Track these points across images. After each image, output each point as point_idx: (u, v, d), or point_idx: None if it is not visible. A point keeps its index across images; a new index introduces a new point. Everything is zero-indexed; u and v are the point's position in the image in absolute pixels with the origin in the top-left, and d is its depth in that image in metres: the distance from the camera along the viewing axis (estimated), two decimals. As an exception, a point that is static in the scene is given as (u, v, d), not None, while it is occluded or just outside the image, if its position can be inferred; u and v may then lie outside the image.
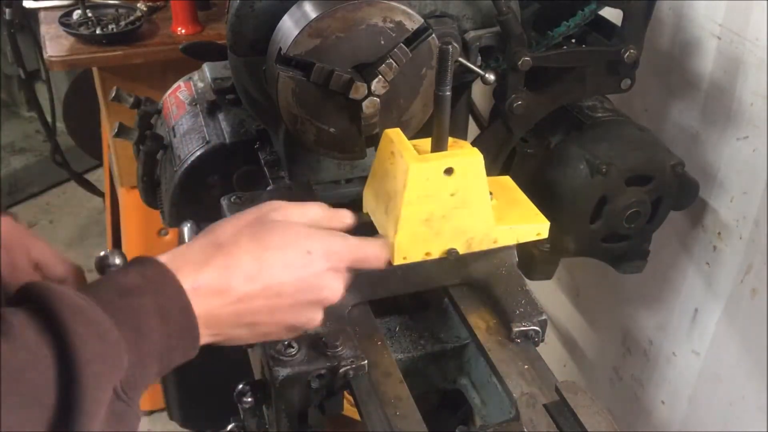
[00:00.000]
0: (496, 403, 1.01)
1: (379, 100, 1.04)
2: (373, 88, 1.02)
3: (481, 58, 1.23)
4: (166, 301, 0.73)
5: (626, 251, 1.43)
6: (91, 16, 2.22)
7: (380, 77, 1.02)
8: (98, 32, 2.18)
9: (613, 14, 1.31)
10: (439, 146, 0.96)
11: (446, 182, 0.96)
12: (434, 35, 1.05)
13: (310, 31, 1.00)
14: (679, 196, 1.38)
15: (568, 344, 2.03)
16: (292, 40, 1.00)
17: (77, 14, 2.23)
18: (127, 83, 2.11)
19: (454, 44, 0.89)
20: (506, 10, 1.17)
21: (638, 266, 1.46)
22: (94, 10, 2.26)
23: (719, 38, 1.36)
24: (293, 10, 1.06)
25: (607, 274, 1.51)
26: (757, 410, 1.42)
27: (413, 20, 1.03)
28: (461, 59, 1.17)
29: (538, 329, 1.01)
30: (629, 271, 1.46)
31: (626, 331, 1.78)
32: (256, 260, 0.80)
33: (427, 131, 0.99)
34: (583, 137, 1.36)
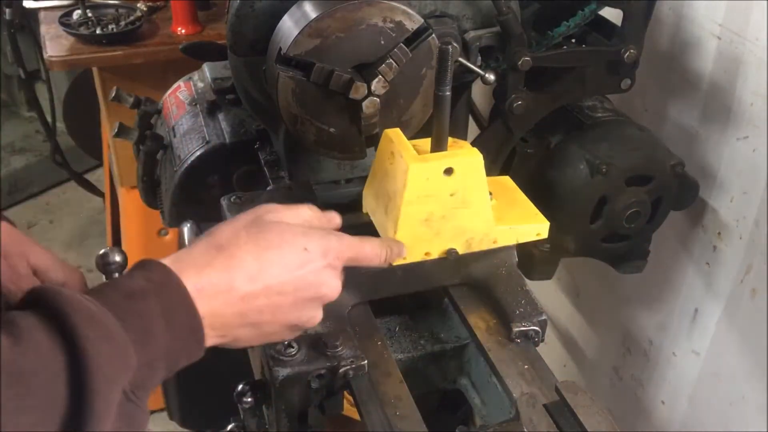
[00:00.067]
0: (496, 403, 1.01)
1: (379, 100, 1.04)
2: (373, 88, 1.02)
3: (481, 58, 1.23)
4: (171, 303, 0.75)
5: (626, 251, 1.43)
6: (91, 16, 2.23)
7: (380, 77, 1.02)
8: (98, 32, 2.18)
9: (613, 14, 1.31)
10: (438, 146, 0.96)
11: (446, 182, 0.96)
12: (434, 35, 1.05)
13: (310, 31, 1.00)
14: (679, 196, 1.38)
15: (568, 344, 2.03)
16: (292, 40, 1.00)
17: (77, 14, 2.23)
18: (127, 83, 2.11)
19: (453, 44, 0.89)
20: (506, 10, 1.17)
21: (638, 266, 1.46)
22: (94, 10, 2.26)
23: (719, 38, 1.36)
24: (293, 10, 1.06)
25: (607, 274, 1.51)
26: (757, 410, 1.42)
27: (413, 20, 1.03)
28: (461, 59, 1.17)
29: (538, 329, 1.01)
30: (629, 271, 1.46)
31: (626, 331, 1.78)
32: (256, 260, 0.81)
33: (427, 131, 0.99)
34: (583, 137, 1.36)
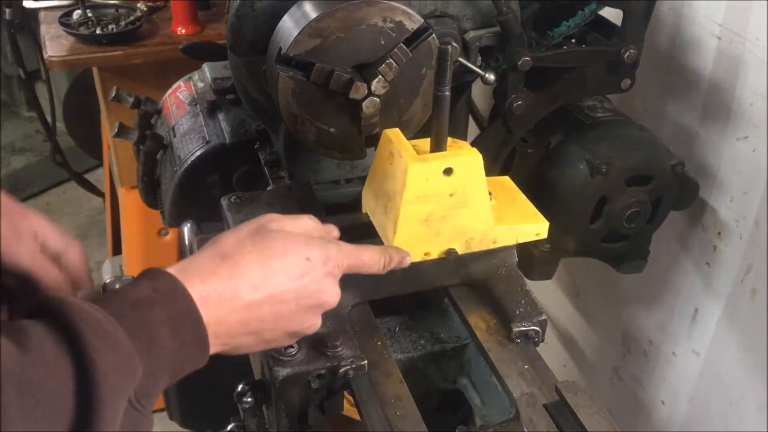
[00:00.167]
0: (496, 403, 1.01)
1: (379, 100, 1.04)
2: (373, 88, 1.02)
3: (481, 58, 1.23)
4: (177, 312, 0.75)
5: (626, 251, 1.43)
6: (91, 16, 2.23)
7: (380, 77, 1.02)
8: (98, 32, 2.18)
9: (613, 14, 1.31)
10: (438, 146, 0.96)
11: (445, 182, 0.96)
12: (434, 35, 1.05)
13: (310, 31, 1.00)
14: (679, 196, 1.38)
15: (568, 344, 2.03)
16: (292, 40, 1.00)
17: (77, 14, 2.23)
18: (127, 83, 2.11)
19: (453, 44, 0.89)
20: (506, 10, 1.17)
21: (638, 266, 1.46)
22: (94, 10, 2.26)
23: (719, 38, 1.36)
24: (293, 10, 1.06)
25: (607, 274, 1.50)
26: (757, 410, 1.42)
27: (413, 20, 1.03)
28: (461, 59, 1.17)
29: (538, 329, 1.01)
30: (629, 271, 1.46)
31: (626, 331, 1.78)
32: (260, 269, 0.82)
33: (427, 131, 0.99)
34: (583, 137, 1.36)
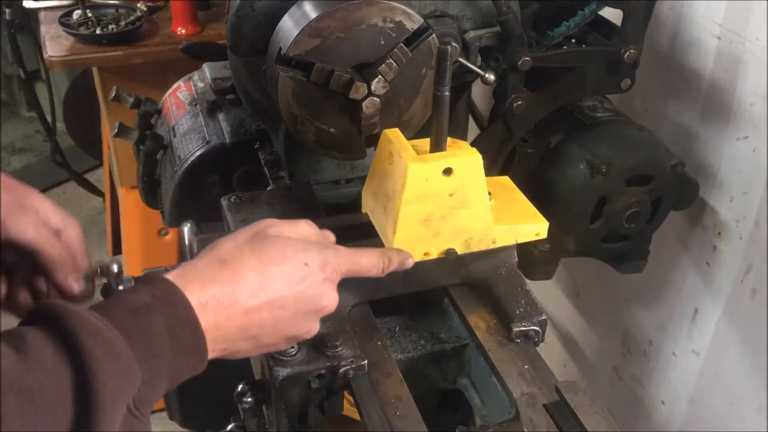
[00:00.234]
0: (496, 403, 1.01)
1: (379, 100, 1.04)
2: (373, 88, 1.02)
3: (481, 58, 1.23)
4: (176, 320, 0.75)
5: (626, 251, 1.43)
6: (91, 16, 2.23)
7: (380, 77, 1.02)
8: (98, 32, 2.18)
9: (613, 14, 1.31)
10: (438, 146, 0.96)
11: (445, 182, 0.96)
12: (434, 35, 1.05)
13: (310, 31, 1.00)
14: (679, 196, 1.38)
15: (568, 344, 2.03)
16: (292, 40, 1.00)
17: (77, 14, 2.23)
18: (127, 83, 2.11)
19: (453, 44, 0.89)
20: (506, 10, 1.17)
21: (638, 266, 1.46)
22: (94, 10, 2.26)
23: (719, 38, 1.36)
24: (293, 10, 1.06)
25: (607, 274, 1.50)
26: (757, 410, 1.42)
27: (413, 20, 1.03)
28: (461, 59, 1.17)
29: (538, 329, 1.01)
30: (629, 271, 1.46)
31: (626, 331, 1.78)
32: (259, 275, 0.82)
33: (427, 131, 0.99)
34: (583, 137, 1.36)
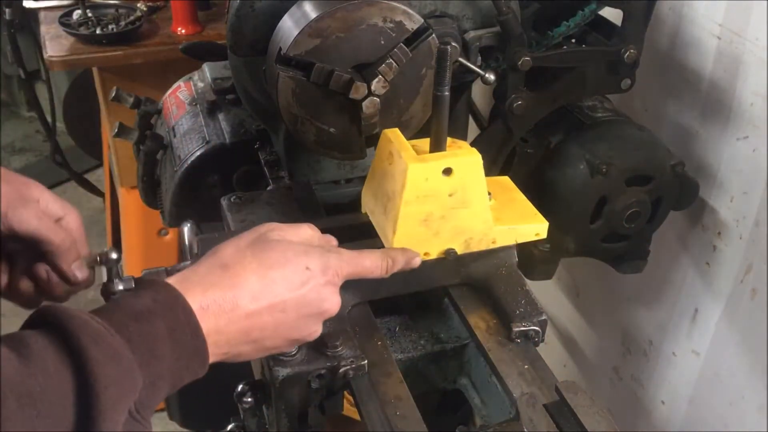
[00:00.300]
0: (496, 403, 1.01)
1: (379, 100, 1.04)
2: (373, 88, 1.02)
3: (481, 58, 1.23)
4: (177, 324, 0.76)
5: (626, 251, 1.43)
6: (91, 16, 2.23)
7: (380, 77, 1.02)
8: (98, 32, 2.18)
9: (613, 14, 1.31)
10: (437, 146, 0.96)
11: (445, 182, 0.96)
12: (434, 35, 1.05)
13: (310, 31, 1.00)
14: (679, 196, 1.38)
15: (568, 344, 2.03)
16: (292, 40, 1.00)
17: (77, 14, 2.23)
18: (127, 83, 2.11)
19: (452, 44, 0.89)
20: (506, 10, 1.17)
21: (638, 266, 1.46)
22: (94, 10, 2.26)
23: (719, 38, 1.36)
24: (293, 10, 1.06)
25: (607, 274, 1.50)
26: (757, 410, 1.42)
27: (413, 20, 1.03)
28: (461, 59, 1.17)
29: (538, 329, 1.01)
30: (629, 271, 1.46)
31: (626, 331, 1.78)
32: (261, 279, 0.82)
33: (427, 131, 0.99)
34: (583, 137, 1.36)
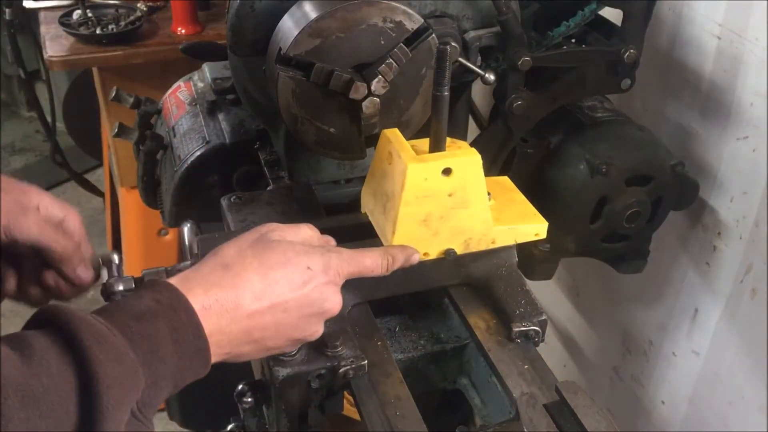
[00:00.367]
0: (496, 403, 1.01)
1: (379, 100, 1.04)
2: (373, 88, 1.02)
3: (481, 58, 1.23)
4: (179, 324, 0.76)
5: (626, 251, 1.43)
6: (91, 16, 2.22)
7: (380, 77, 1.02)
8: (98, 32, 2.18)
9: (613, 14, 1.31)
10: (437, 146, 0.96)
11: (444, 183, 0.96)
12: (434, 35, 1.05)
13: (310, 31, 1.00)
14: (679, 196, 1.38)
15: (568, 344, 2.03)
16: (292, 40, 1.00)
17: (77, 14, 2.23)
18: (127, 83, 2.12)
19: (452, 44, 0.89)
20: (506, 10, 1.17)
21: (638, 266, 1.46)
22: (94, 10, 2.26)
23: (719, 38, 1.36)
24: (293, 10, 1.06)
25: (607, 274, 1.50)
26: (757, 410, 1.42)
27: (413, 20, 1.03)
28: (461, 59, 1.17)
29: (538, 329, 1.01)
30: (629, 271, 1.46)
31: (626, 331, 1.78)
32: (262, 279, 0.83)
33: (427, 131, 0.99)
34: (583, 137, 1.36)
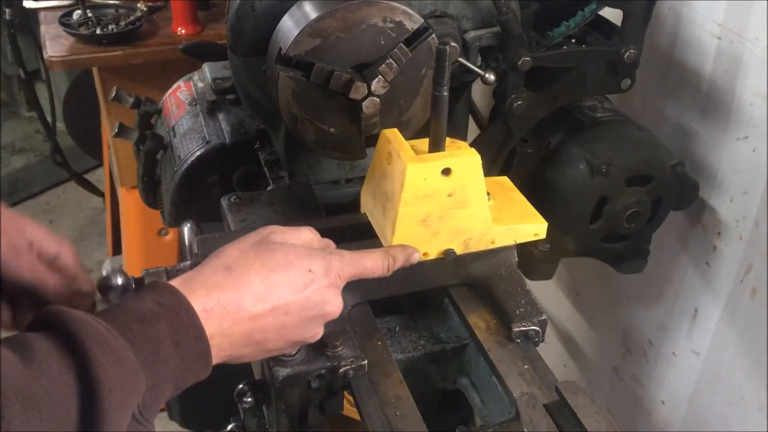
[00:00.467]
0: (496, 403, 1.01)
1: (379, 100, 1.04)
2: (373, 88, 1.02)
3: (481, 58, 1.23)
4: (181, 327, 0.76)
5: (626, 251, 1.43)
6: (91, 16, 2.23)
7: (380, 77, 1.02)
8: (98, 32, 2.18)
9: (613, 14, 1.31)
10: (436, 147, 0.96)
11: (444, 183, 0.96)
12: (434, 35, 1.05)
13: (310, 31, 1.00)
14: (679, 196, 1.38)
15: (568, 344, 2.03)
16: (292, 40, 1.00)
17: (77, 14, 2.23)
18: (127, 83, 2.12)
19: (452, 44, 0.89)
20: (506, 10, 1.17)
21: (638, 266, 1.46)
22: (94, 10, 2.26)
23: (719, 38, 1.36)
24: (293, 10, 1.06)
25: (607, 274, 1.50)
26: (757, 410, 1.42)
27: (413, 20, 1.03)
28: (461, 59, 1.17)
29: (538, 329, 1.01)
30: (629, 271, 1.46)
31: (626, 331, 1.78)
32: (264, 281, 0.83)
33: (427, 131, 0.99)
34: (583, 137, 1.36)
